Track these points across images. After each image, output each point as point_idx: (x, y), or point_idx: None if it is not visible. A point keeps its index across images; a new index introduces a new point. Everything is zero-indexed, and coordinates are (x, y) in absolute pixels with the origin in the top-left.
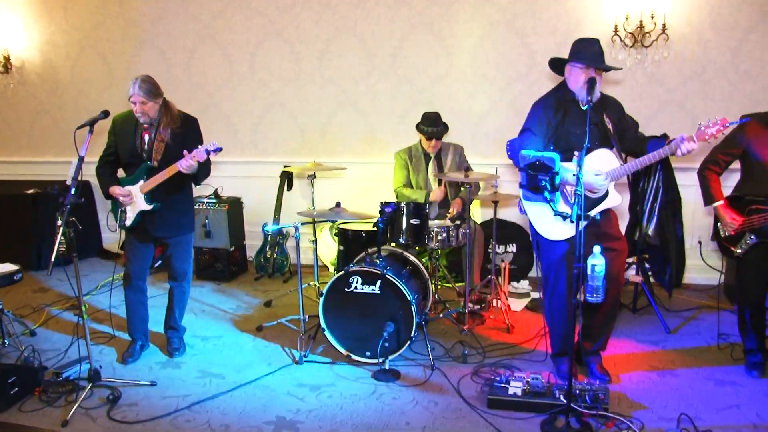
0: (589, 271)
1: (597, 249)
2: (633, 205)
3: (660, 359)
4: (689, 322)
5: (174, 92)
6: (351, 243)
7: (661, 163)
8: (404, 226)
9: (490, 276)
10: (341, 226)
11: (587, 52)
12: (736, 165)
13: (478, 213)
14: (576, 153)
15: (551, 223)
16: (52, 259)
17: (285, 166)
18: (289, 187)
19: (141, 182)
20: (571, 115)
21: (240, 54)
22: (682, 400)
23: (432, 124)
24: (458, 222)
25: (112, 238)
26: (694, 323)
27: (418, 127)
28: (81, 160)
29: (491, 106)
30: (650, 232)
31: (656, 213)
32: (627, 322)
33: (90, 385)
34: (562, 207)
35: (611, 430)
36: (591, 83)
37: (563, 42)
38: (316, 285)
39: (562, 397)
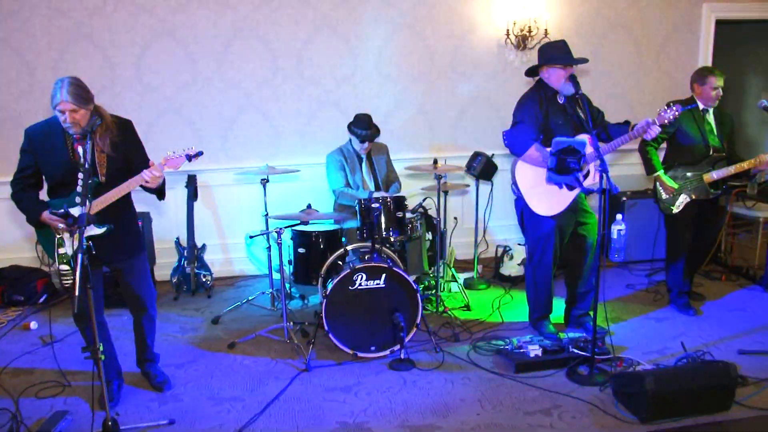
0: (614, 236)
1: (619, 216)
2: None
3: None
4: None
5: (38, 101)
6: (312, 246)
7: None
8: (388, 220)
9: (442, 261)
10: (300, 229)
11: (561, 53)
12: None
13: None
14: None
15: (543, 200)
16: (77, 293)
17: (190, 175)
18: (195, 197)
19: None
20: (552, 109)
21: (123, 56)
22: (646, 338)
23: (366, 128)
24: (420, 212)
25: None
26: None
27: (351, 129)
28: (87, 173)
29: (396, 105)
30: None
31: None
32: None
33: None
34: (589, 183)
35: (620, 369)
36: (574, 79)
37: (459, 45)
38: (272, 292)
39: (576, 351)
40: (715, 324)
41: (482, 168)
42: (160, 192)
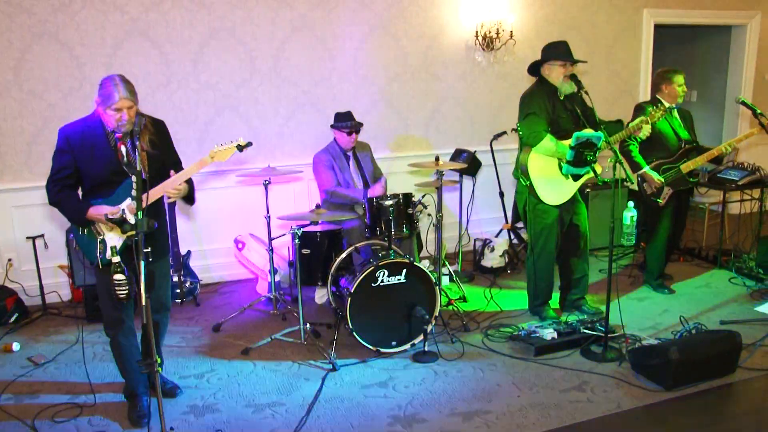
0: (627, 221)
1: (630, 204)
2: None
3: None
4: None
5: None
6: (317, 247)
7: None
8: (400, 217)
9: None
10: (306, 229)
11: (561, 52)
12: None
13: None
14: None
15: (552, 190)
16: (144, 303)
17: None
18: (175, 201)
19: (128, 201)
20: (556, 104)
21: (93, 56)
22: (636, 316)
23: (350, 118)
24: (420, 210)
25: None
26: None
27: (335, 125)
28: (140, 174)
29: (372, 105)
30: None
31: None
32: None
33: None
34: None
35: (628, 345)
36: (575, 77)
37: (430, 45)
38: (274, 296)
39: (586, 330)
40: (690, 300)
41: (468, 164)
42: (189, 199)
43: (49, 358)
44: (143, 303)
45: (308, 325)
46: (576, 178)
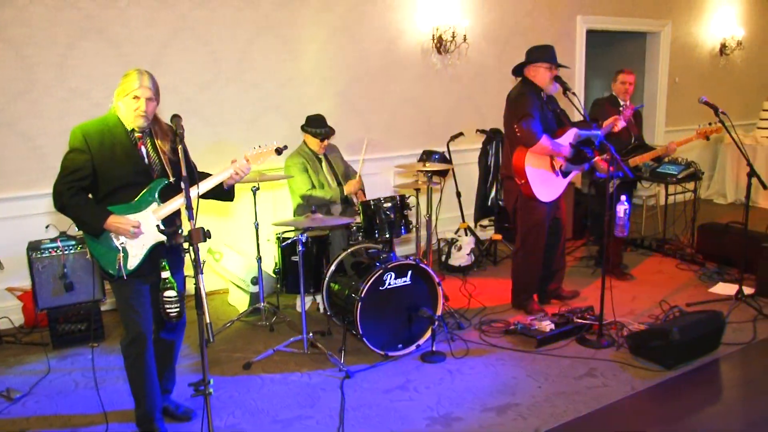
0: (621, 214)
1: (623, 197)
2: (483, 178)
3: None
4: None
5: None
6: (306, 253)
7: (495, 142)
8: (401, 218)
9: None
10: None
11: (547, 54)
12: None
13: None
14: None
15: (546, 188)
16: (208, 321)
17: None
18: None
19: (154, 205)
20: (542, 104)
21: (43, 56)
22: (609, 304)
23: (323, 125)
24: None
25: None
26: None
27: (307, 129)
28: (189, 180)
29: (334, 108)
30: (501, 196)
31: (499, 180)
32: (502, 271)
33: None
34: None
35: (615, 332)
36: (560, 79)
37: (388, 48)
38: (265, 307)
39: (578, 320)
40: (652, 286)
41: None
42: (231, 192)
43: (24, 392)
44: (207, 320)
45: (311, 335)
46: (565, 175)
